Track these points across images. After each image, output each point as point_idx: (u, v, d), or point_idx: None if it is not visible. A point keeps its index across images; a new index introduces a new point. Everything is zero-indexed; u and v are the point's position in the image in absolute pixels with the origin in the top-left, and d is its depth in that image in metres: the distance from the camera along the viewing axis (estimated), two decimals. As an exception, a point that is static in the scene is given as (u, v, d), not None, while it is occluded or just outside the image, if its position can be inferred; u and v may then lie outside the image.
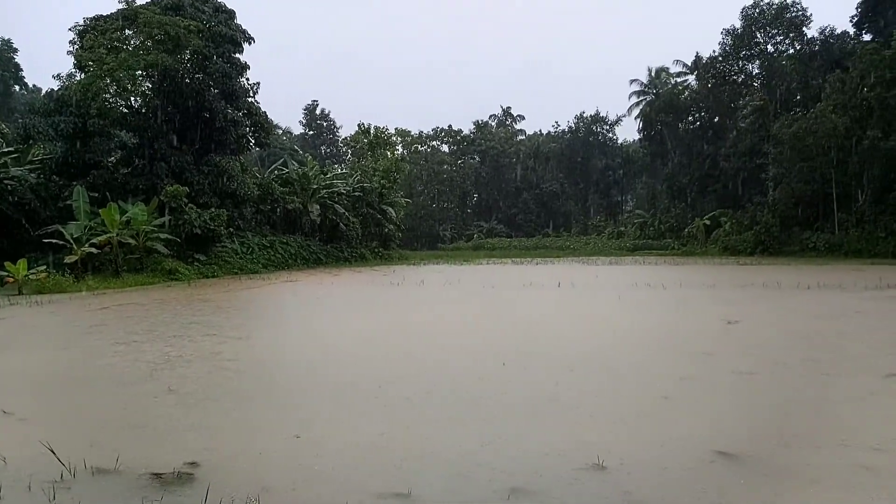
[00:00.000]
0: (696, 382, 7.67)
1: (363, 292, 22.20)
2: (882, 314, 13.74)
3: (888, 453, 5.01)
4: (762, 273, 27.08)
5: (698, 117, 66.20)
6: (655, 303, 17.42)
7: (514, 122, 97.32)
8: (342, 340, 11.34)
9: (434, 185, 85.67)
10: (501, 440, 5.54)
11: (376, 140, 57.42)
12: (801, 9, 53.50)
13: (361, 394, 7.28)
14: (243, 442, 5.63)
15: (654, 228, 65.85)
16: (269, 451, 5.33)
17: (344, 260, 40.96)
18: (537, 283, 23.94)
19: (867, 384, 7.33)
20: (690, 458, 5.00)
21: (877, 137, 41.42)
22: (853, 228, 44.65)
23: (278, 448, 5.39)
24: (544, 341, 10.94)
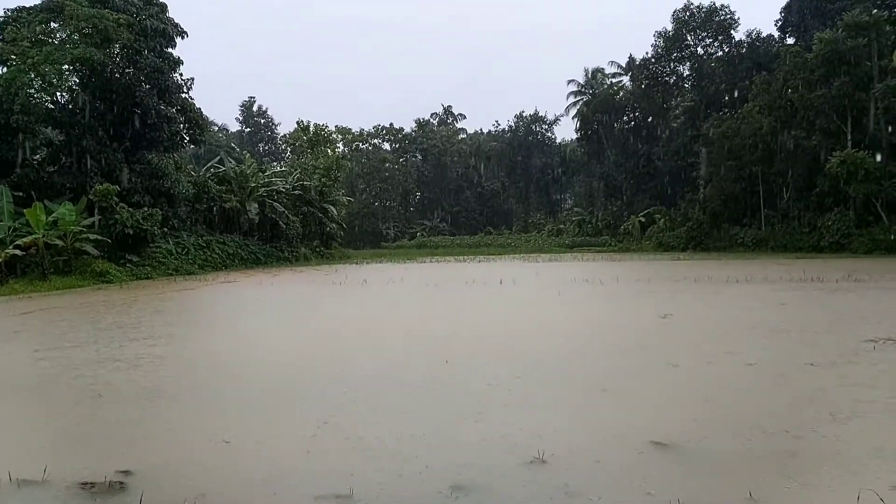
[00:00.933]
0: (633, 375, 7.90)
1: (303, 292, 21.92)
2: (805, 306, 14.45)
3: (807, 440, 5.28)
4: (694, 268, 28.08)
5: (633, 117, 68.08)
6: (593, 298, 17.85)
7: (456, 121, 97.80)
8: (279, 342, 11.17)
9: (376, 184, 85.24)
10: (442, 437, 5.57)
11: (316, 138, 56.79)
12: (729, 12, 55.69)
13: (298, 395, 7.19)
14: (177, 448, 5.48)
15: (591, 226, 67.36)
16: (203, 456, 5.21)
17: (284, 260, 40.30)
18: (479, 280, 24.14)
19: (789, 373, 7.71)
20: (627, 449, 5.15)
21: (800, 137, 43.51)
22: (778, 224, 46.79)
23: (212, 453, 5.27)
24: (486, 338, 11.05)
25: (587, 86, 71.68)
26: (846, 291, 16.99)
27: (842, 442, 5.18)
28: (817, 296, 16.19)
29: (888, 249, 37.86)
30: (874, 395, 6.60)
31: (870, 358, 8.32)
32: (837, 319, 12.03)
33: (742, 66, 53.92)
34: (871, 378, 7.32)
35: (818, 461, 4.77)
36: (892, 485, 4.24)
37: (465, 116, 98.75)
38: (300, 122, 58.28)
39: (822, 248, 41.43)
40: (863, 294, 16.30)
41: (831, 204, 42.98)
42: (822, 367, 7.91)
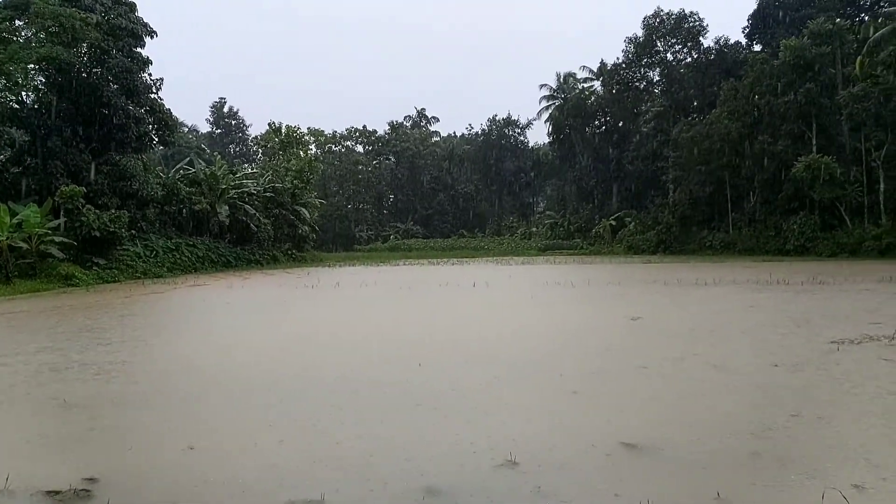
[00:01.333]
0: (603, 377, 7.98)
1: (274, 296, 21.72)
2: (771, 308, 14.74)
3: (772, 440, 5.39)
4: (664, 271, 28.47)
5: (604, 122, 68.83)
6: (565, 301, 17.99)
7: (429, 124, 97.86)
8: (248, 346, 11.02)
9: (349, 186, 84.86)
10: (415, 440, 5.57)
11: (288, 139, 56.33)
12: (697, 19, 56.61)
13: (267, 400, 7.10)
14: (143, 454, 5.39)
15: (563, 229, 67.89)
16: (170, 463, 5.13)
17: (255, 262, 39.89)
18: (453, 283, 24.18)
19: (754, 374, 7.86)
20: (598, 451, 5.20)
21: (766, 142, 44.41)
22: (746, 228, 47.69)
23: (179, 460, 5.19)
24: (459, 341, 11.08)
25: (559, 90, 72.27)
26: (811, 294, 17.37)
27: (806, 442, 5.31)
28: (783, 298, 16.53)
29: (851, 253, 38.81)
30: (837, 396, 6.76)
31: (833, 359, 8.53)
32: (802, 321, 12.29)
33: (710, 72, 54.88)
34: (834, 379, 7.50)
35: (783, 461, 4.87)
36: (854, 483, 4.35)
37: (438, 119, 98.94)
38: (272, 123, 57.79)
39: (788, 251, 42.33)
40: (826, 296, 16.69)
41: (797, 208, 43.95)
42: (787, 368, 8.08)
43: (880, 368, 7.91)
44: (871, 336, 10.04)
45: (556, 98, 72.06)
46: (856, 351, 9.00)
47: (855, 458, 4.88)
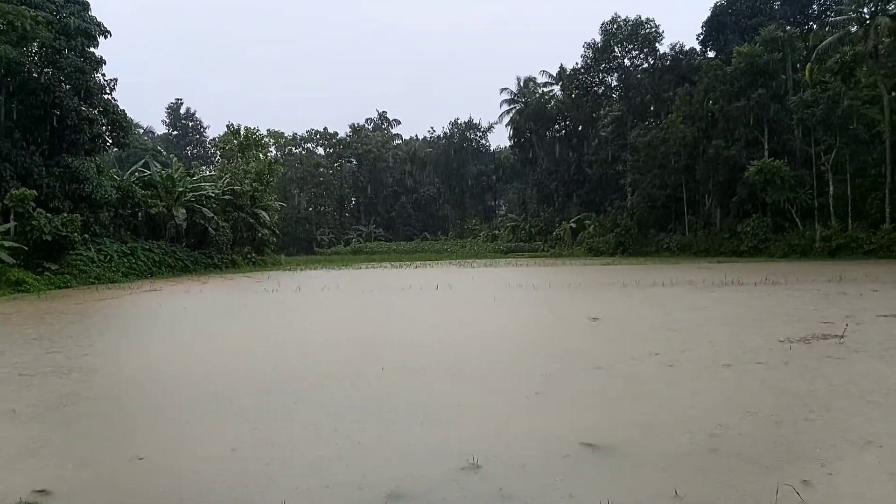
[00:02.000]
0: (564, 378, 8.07)
1: (233, 301, 21.37)
2: (725, 308, 15.10)
3: (726, 437, 5.53)
4: (622, 272, 28.94)
5: (563, 126, 69.71)
6: (527, 303, 18.14)
7: (391, 127, 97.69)
8: (203, 353, 10.76)
9: (310, 189, 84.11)
10: (377, 445, 5.55)
11: (247, 141, 55.50)
12: (654, 26, 57.79)
13: (222, 407, 6.97)
14: (93, 465, 5.24)
15: (525, 231, 68.51)
16: (120, 473, 5.00)
17: (214, 267, 39.17)
18: (416, 286, 24.15)
19: (709, 373, 8.05)
20: (559, 452, 5.25)
21: (720, 146, 45.57)
22: (701, 230, 48.85)
23: (130, 470, 5.08)
24: (422, 344, 11.07)
25: (520, 94, 72.94)
26: (764, 294, 17.87)
27: (759, 439, 5.45)
28: (737, 299, 16.96)
29: (802, 253, 40.07)
30: (788, 393, 6.97)
31: (785, 358, 8.78)
32: (756, 321, 12.62)
33: (666, 77, 56.06)
34: (786, 378, 7.73)
35: (738, 458, 5.00)
36: (801, 479, 4.49)
37: (399, 122, 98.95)
38: (230, 125, 56.77)
39: (742, 252, 43.48)
40: (779, 296, 17.18)
41: (750, 210, 45.20)
42: (739, 366, 8.30)
43: (830, 367, 8.17)
44: (821, 335, 10.37)
45: (517, 102, 72.72)
46: (807, 350, 9.28)
47: (806, 454, 5.04)
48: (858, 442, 5.26)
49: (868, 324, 11.53)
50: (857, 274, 23.53)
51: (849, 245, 38.21)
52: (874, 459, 4.88)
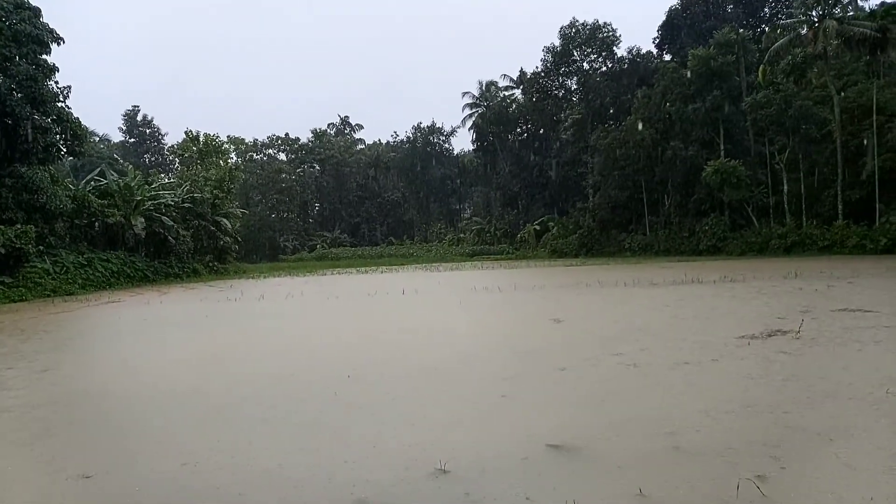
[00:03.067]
0: (529, 380, 8.14)
1: (194, 310, 20.97)
2: (685, 306, 15.41)
3: (687, 435, 5.65)
4: (585, 273, 29.29)
5: (526, 129, 70.33)
6: (492, 305, 18.23)
7: (353, 132, 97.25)
8: (164, 365, 10.54)
9: (273, 195, 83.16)
10: (345, 452, 5.52)
11: (207, 148, 54.66)
12: (611, 30, 58.73)
13: (181, 420, 6.88)
14: (39, 485, 5.12)
15: (490, 234, 68.87)
16: (68, 492, 4.90)
17: (174, 276, 38.45)
18: (382, 291, 24.07)
19: (670, 372, 8.21)
20: (526, 453, 5.30)
21: (678, 147, 46.49)
22: (661, 230, 49.76)
23: (78, 489, 4.96)
24: (389, 349, 11.05)
25: (482, 98, 73.35)
26: (722, 292, 18.26)
27: (718, 435, 5.58)
28: (697, 297, 17.32)
29: (759, 251, 41.12)
30: (745, 390, 7.14)
31: (742, 353, 9.00)
32: (714, 319, 12.90)
33: (624, 80, 57.03)
34: (743, 373, 7.91)
35: (698, 455, 5.11)
36: (758, 474, 4.61)
37: (362, 127, 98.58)
38: (189, 132, 55.86)
39: (701, 251, 44.43)
40: (737, 294, 17.58)
41: (708, 210, 46.21)
42: (698, 364, 8.48)
43: (786, 362, 8.40)
44: (778, 330, 10.65)
45: (479, 106, 73.12)
46: (764, 346, 9.53)
47: (764, 449, 5.18)
48: (814, 436, 5.43)
49: (823, 318, 11.87)
50: (812, 270, 24.24)
51: (804, 242, 39.35)
52: (830, 453, 5.03)
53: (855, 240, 36.39)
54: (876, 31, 37.12)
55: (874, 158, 36.69)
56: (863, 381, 7.15)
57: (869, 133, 37.10)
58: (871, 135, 36.86)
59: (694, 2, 56.54)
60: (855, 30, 37.42)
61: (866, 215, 37.68)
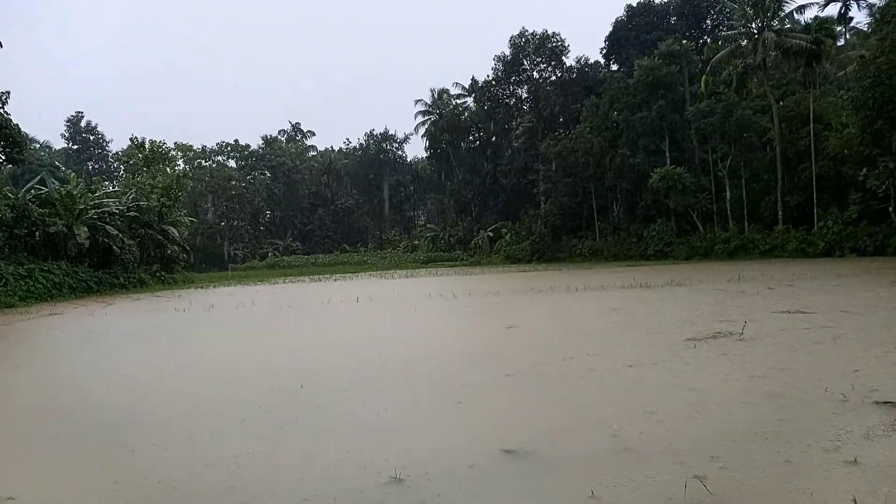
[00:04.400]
0: (483, 386, 8.22)
1: (140, 322, 20.40)
2: (634, 310, 15.78)
3: (637, 437, 5.80)
4: (538, 279, 29.68)
5: (478, 136, 70.91)
6: (447, 312, 18.32)
7: (305, 138, 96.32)
8: (106, 379, 10.21)
9: (222, 203, 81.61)
10: (298, 462, 5.49)
11: (153, 155, 53.24)
12: (560, 40, 59.81)
13: (121, 436, 6.69)
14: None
15: (444, 241, 69.12)
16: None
17: (120, 287, 37.31)
18: (336, 299, 23.90)
19: (617, 375, 8.41)
20: (480, 459, 5.35)
21: (626, 155, 47.60)
22: (611, 235, 50.82)
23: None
24: (342, 358, 10.98)
25: (434, 106, 73.66)
26: (669, 296, 18.77)
27: (664, 436, 5.75)
28: (645, 301, 17.75)
29: (704, 255, 42.37)
30: (689, 390, 7.36)
31: (687, 355, 9.27)
32: (662, 322, 13.23)
33: (573, 90, 58.11)
34: (688, 375, 8.16)
35: (646, 456, 5.26)
36: (703, 473, 4.78)
37: (314, 133, 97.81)
38: (134, 138, 54.30)
39: (649, 256, 45.54)
40: (682, 297, 18.09)
41: (655, 216, 47.42)
42: (645, 367, 8.70)
43: (729, 363, 8.70)
44: (722, 333, 11.01)
45: (432, 113, 73.40)
46: (708, 348, 9.84)
47: (711, 447, 5.36)
48: (753, 435, 5.64)
49: (764, 321, 12.32)
50: (754, 273, 25.11)
51: (746, 246, 40.71)
52: (771, 450, 5.24)
53: (795, 244, 37.84)
54: (811, 44, 38.85)
55: (812, 165, 38.28)
56: (801, 380, 7.46)
57: (806, 141, 38.70)
58: (808, 143, 38.46)
59: (639, 13, 58.03)
60: (792, 42, 39.07)
61: (805, 220, 39.27)
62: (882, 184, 32.07)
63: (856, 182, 34.71)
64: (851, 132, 33.72)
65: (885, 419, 5.81)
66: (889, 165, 31.41)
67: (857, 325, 11.19)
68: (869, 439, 5.31)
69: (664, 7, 58.05)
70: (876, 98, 30.89)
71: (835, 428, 5.64)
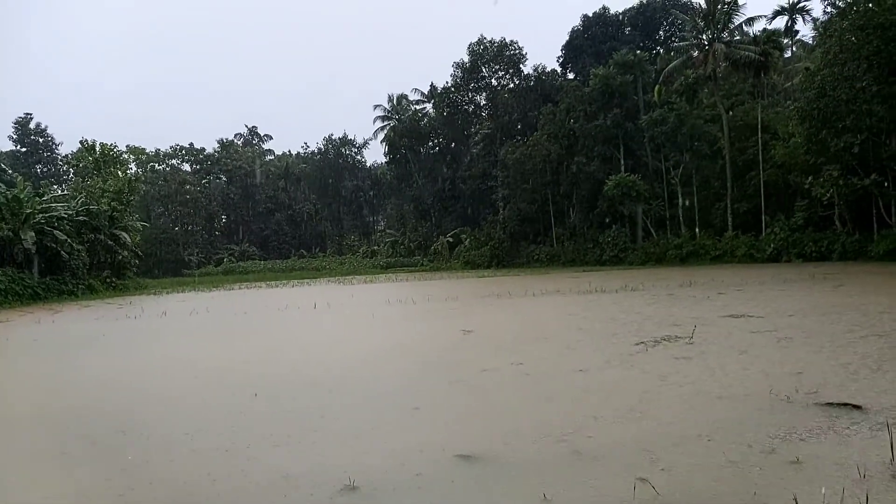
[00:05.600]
0: (438, 392, 8.27)
1: (90, 330, 19.82)
2: (589, 315, 16.04)
3: (587, 440, 5.92)
4: (497, 284, 29.89)
5: (437, 142, 71.08)
6: (405, 318, 18.31)
7: (262, 142, 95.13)
8: (54, 389, 9.92)
9: (176, 207, 79.88)
10: (251, 472, 5.43)
11: (104, 158, 51.84)
12: (518, 48, 60.47)
13: (62, 447, 6.53)
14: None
15: (404, 246, 69.00)
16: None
17: (69, 293, 36.18)
18: (293, 305, 23.64)
19: (569, 380, 8.54)
20: (435, 465, 5.39)
21: (582, 163, 48.35)
22: (568, 241, 51.52)
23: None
24: (298, 365, 10.90)
25: (393, 111, 73.57)
26: (623, 300, 19.12)
27: (613, 438, 5.87)
28: (599, 306, 18.05)
29: (658, 261, 43.26)
30: (638, 393, 7.53)
31: (637, 359, 9.48)
32: (615, 327, 13.46)
33: (531, 97, 58.80)
34: (636, 378, 8.34)
35: (597, 458, 5.37)
36: (651, 474, 4.90)
37: (271, 137, 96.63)
38: (84, 141, 52.77)
39: (605, 261, 46.29)
40: (636, 302, 18.45)
41: (610, 222, 48.27)
42: (596, 371, 8.87)
43: (678, 366, 8.92)
44: (672, 337, 11.29)
45: (391, 119, 73.29)
46: (658, 352, 10.07)
47: (652, 449, 5.49)
48: (694, 437, 5.79)
49: (713, 324, 12.67)
50: (705, 278, 25.76)
51: (697, 252, 41.74)
52: (713, 450, 5.40)
53: (744, 249, 38.95)
54: (759, 55, 40.14)
55: (760, 173, 39.50)
56: (747, 382, 7.70)
57: (755, 150, 39.93)
58: (756, 151, 39.67)
59: (594, 23, 59.13)
60: (741, 53, 40.31)
61: (754, 226, 40.46)
62: (826, 192, 33.27)
63: (801, 190, 35.93)
64: (797, 142, 34.91)
65: (827, 420, 6.04)
66: (833, 174, 32.61)
67: (801, 328, 11.60)
68: (811, 439, 5.51)
69: (619, 18, 59.29)
70: (820, 109, 32.07)
71: (778, 428, 5.83)
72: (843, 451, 5.17)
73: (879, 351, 9.04)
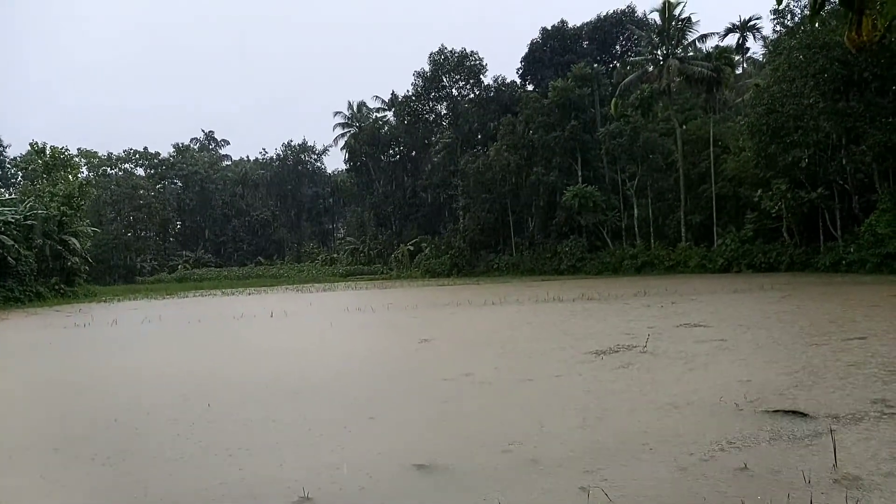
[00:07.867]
0: (395, 401, 8.24)
1: (36, 339, 19.17)
2: (546, 324, 16.22)
3: (543, 447, 5.98)
4: (456, 293, 29.97)
5: (398, 150, 71.10)
6: (363, 326, 18.21)
7: (219, 147, 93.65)
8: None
9: (129, 212, 77.95)
10: (202, 484, 5.32)
11: (54, 161, 50.35)
12: (478, 59, 60.98)
13: (11, 464, 6.36)
14: None
15: (364, 254, 68.68)
16: None
17: (14, 300, 34.95)
18: (249, 314, 23.28)
19: (522, 388, 8.61)
20: (392, 475, 5.37)
21: (540, 173, 48.97)
22: (527, 250, 52.04)
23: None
24: (253, 375, 10.71)
25: (353, 118, 73.30)
26: (579, 310, 19.39)
27: (564, 447, 5.92)
28: (556, 314, 18.27)
29: (614, 271, 44.01)
30: (588, 402, 7.63)
31: (591, 368, 9.61)
32: (570, 335, 13.60)
33: (491, 108, 59.37)
34: (587, 387, 8.45)
35: (550, 466, 5.42)
36: (596, 484, 4.97)
37: (228, 142, 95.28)
38: (34, 143, 51.20)
39: (563, 270, 46.88)
40: (592, 311, 18.73)
41: (568, 232, 48.95)
42: (547, 380, 8.97)
43: (631, 375, 9.07)
44: (626, 346, 11.48)
45: (351, 126, 73.00)
46: (611, 360, 10.23)
47: (601, 458, 5.57)
48: (648, 443, 5.90)
49: (667, 334, 12.92)
50: (659, 288, 26.30)
51: (652, 262, 42.62)
52: (663, 457, 5.51)
53: (696, 260, 39.93)
54: (712, 71, 41.34)
55: (712, 186, 40.58)
56: (698, 390, 7.87)
57: (707, 163, 41.02)
58: (709, 165, 40.77)
59: (553, 36, 60.03)
60: (694, 69, 41.45)
61: (706, 237, 41.53)
62: (775, 205, 34.38)
63: (751, 202, 37.06)
64: (747, 155, 36.03)
65: (774, 427, 6.21)
66: (781, 187, 33.73)
67: (750, 337, 11.93)
68: (758, 446, 5.66)
69: (577, 31, 60.32)
70: (769, 124, 33.18)
71: (727, 435, 5.97)
72: (788, 458, 5.31)
73: (823, 359, 9.35)
